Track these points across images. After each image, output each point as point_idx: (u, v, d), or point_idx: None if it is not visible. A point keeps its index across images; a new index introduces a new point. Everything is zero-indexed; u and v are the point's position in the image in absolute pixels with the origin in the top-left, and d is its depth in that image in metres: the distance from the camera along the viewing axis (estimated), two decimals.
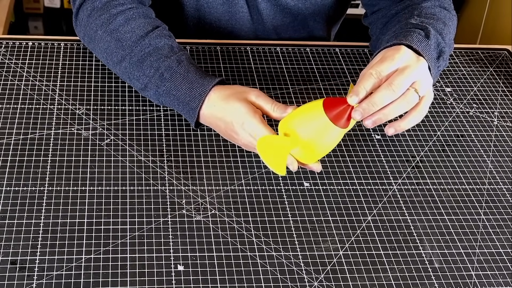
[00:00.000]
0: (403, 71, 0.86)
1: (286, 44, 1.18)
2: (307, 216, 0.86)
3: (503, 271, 0.82)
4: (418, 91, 0.87)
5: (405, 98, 0.85)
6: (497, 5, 2.23)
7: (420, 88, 0.87)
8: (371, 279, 0.79)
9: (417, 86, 0.87)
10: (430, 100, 0.91)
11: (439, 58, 0.95)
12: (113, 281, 0.75)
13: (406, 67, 0.86)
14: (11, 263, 0.76)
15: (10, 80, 1.03)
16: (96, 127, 0.96)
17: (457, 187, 0.93)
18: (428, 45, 0.93)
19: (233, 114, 0.88)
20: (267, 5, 1.19)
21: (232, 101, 0.88)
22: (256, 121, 0.86)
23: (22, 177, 0.87)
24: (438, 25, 0.98)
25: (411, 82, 0.86)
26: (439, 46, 0.95)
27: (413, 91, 0.86)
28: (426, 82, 0.89)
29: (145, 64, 0.95)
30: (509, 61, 1.21)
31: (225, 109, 0.89)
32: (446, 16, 1.02)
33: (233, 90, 0.91)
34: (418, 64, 0.88)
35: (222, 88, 0.91)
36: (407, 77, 0.85)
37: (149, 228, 0.82)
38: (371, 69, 0.85)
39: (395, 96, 0.84)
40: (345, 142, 0.98)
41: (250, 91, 0.90)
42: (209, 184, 0.89)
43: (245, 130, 0.87)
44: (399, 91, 0.85)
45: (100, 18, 1.00)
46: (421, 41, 0.92)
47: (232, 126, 0.88)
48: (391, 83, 0.84)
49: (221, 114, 0.89)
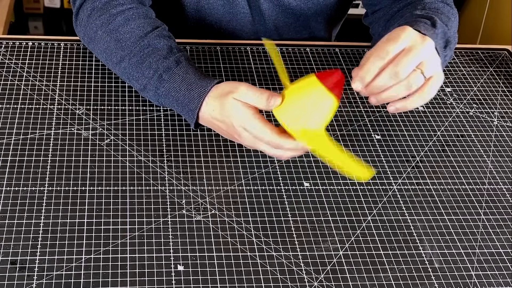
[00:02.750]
0: (408, 52, 0.85)
1: (287, 44, 1.18)
2: (307, 216, 0.86)
3: (503, 271, 0.82)
4: (424, 72, 0.86)
5: (408, 80, 0.85)
6: (497, 5, 2.23)
7: (426, 69, 0.86)
8: (371, 279, 0.79)
9: (423, 67, 0.85)
10: (438, 81, 0.89)
11: (446, 47, 0.95)
12: (113, 281, 0.75)
13: (411, 47, 0.85)
14: (11, 263, 0.76)
15: (10, 80, 1.03)
16: (96, 127, 0.96)
17: (457, 187, 0.93)
18: (435, 33, 0.92)
19: (233, 117, 0.87)
20: (269, 6, 1.19)
21: (229, 104, 0.87)
22: (256, 122, 0.86)
23: (22, 177, 0.87)
24: (443, 17, 0.98)
25: (417, 63, 0.85)
26: (445, 35, 0.95)
27: (418, 73, 0.85)
28: (432, 63, 0.87)
29: (144, 65, 0.95)
30: (509, 61, 1.21)
31: (223, 112, 0.88)
32: (449, 11, 1.02)
33: (225, 90, 0.88)
34: (424, 43, 0.87)
35: (217, 89, 0.90)
36: (413, 58, 0.84)
37: (149, 228, 0.82)
38: (376, 50, 0.84)
39: (399, 79, 0.84)
40: (345, 142, 0.98)
41: (238, 89, 0.87)
42: (209, 184, 0.89)
43: (248, 132, 0.87)
44: (404, 74, 0.84)
45: (100, 18, 1.00)
46: (428, 30, 0.92)
47: (234, 128, 0.88)
48: (396, 65, 0.83)
49: (221, 117, 0.89)
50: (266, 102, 0.85)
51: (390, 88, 0.85)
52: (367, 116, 1.04)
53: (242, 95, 0.86)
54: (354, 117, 1.03)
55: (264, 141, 0.86)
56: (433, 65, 0.88)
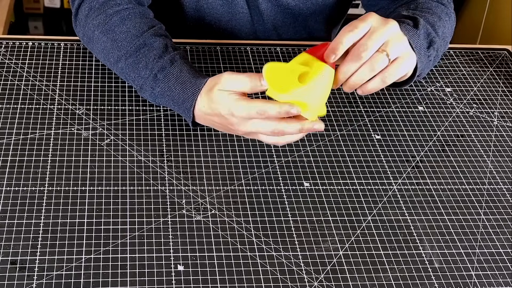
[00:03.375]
0: (371, 34, 0.87)
1: (286, 44, 1.18)
2: (307, 216, 0.86)
3: (503, 271, 0.82)
4: (388, 53, 0.87)
5: (371, 62, 0.87)
6: (497, 5, 2.23)
7: (390, 50, 0.87)
8: (371, 279, 0.79)
9: (386, 47, 0.87)
10: (406, 62, 0.90)
11: (430, 47, 0.95)
12: (113, 281, 0.75)
13: (374, 29, 0.87)
14: (11, 263, 0.76)
15: (10, 80, 1.03)
16: (96, 127, 0.96)
17: (457, 187, 0.93)
18: (416, 34, 0.94)
19: (219, 107, 0.86)
20: (268, 5, 1.19)
21: (215, 96, 0.86)
22: (240, 103, 0.84)
23: (22, 177, 0.87)
24: (432, 17, 0.99)
25: (380, 44, 0.87)
26: (429, 36, 0.96)
27: (381, 55, 0.87)
28: (397, 43, 0.88)
29: (140, 65, 0.95)
30: (509, 61, 1.21)
31: (211, 105, 0.88)
32: (442, 11, 1.02)
33: (210, 85, 0.88)
34: (386, 25, 0.88)
35: (206, 86, 0.90)
36: (375, 39, 0.86)
37: (149, 228, 0.82)
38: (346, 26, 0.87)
39: (362, 61, 0.86)
40: (345, 142, 0.98)
41: (221, 79, 0.87)
42: (209, 184, 0.89)
43: (237, 117, 0.85)
44: (366, 55, 0.86)
45: (97, 19, 1.00)
46: (408, 30, 0.93)
47: (225, 119, 0.87)
48: (358, 47, 0.86)
49: (211, 111, 0.88)
50: (259, 82, 0.84)
51: (355, 72, 0.87)
52: (367, 116, 1.04)
53: (226, 84, 0.86)
54: (354, 117, 1.03)
55: (253, 115, 0.84)
56: (398, 46, 0.89)
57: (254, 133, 0.87)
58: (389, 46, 0.87)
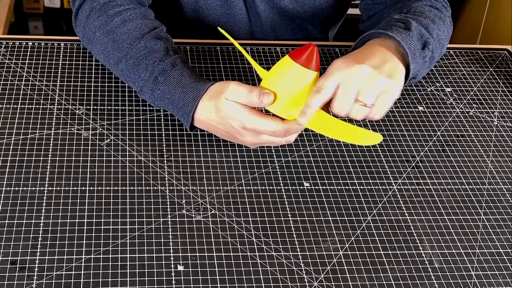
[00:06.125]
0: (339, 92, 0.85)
1: (286, 44, 1.18)
2: (307, 216, 0.86)
3: (503, 271, 0.82)
4: (365, 103, 0.86)
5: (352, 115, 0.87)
6: (497, 5, 2.23)
7: (365, 98, 0.86)
8: (371, 279, 0.79)
9: (360, 97, 0.85)
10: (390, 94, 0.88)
11: (424, 48, 0.95)
12: (113, 281, 0.75)
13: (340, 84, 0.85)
14: (11, 263, 0.76)
15: (10, 80, 1.03)
16: (96, 127, 0.96)
17: (457, 187, 0.93)
18: (409, 35, 0.94)
19: (230, 118, 0.87)
20: (265, 8, 1.19)
21: (223, 105, 0.87)
22: (254, 117, 0.86)
23: (22, 177, 0.87)
24: (425, 20, 0.99)
25: (353, 97, 0.85)
26: (423, 37, 0.96)
27: (358, 106, 0.86)
28: (370, 88, 0.86)
29: (141, 67, 0.95)
30: (509, 61, 1.21)
31: (219, 114, 0.88)
32: (436, 15, 1.02)
33: (216, 91, 0.89)
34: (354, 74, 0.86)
35: (209, 91, 0.90)
36: (345, 96, 0.85)
37: (149, 228, 0.82)
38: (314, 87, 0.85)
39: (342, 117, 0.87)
40: (345, 142, 0.98)
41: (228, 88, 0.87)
42: (209, 184, 0.89)
43: (248, 129, 0.87)
44: (343, 113, 0.86)
45: (98, 20, 1.00)
46: (400, 32, 0.93)
47: (234, 129, 0.88)
48: (333, 108, 0.86)
49: (219, 119, 0.89)
50: (258, 100, 0.85)
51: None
52: None
53: (233, 94, 0.86)
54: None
55: (268, 132, 0.87)
56: (372, 89, 0.86)
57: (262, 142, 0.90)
58: (362, 95, 0.85)
